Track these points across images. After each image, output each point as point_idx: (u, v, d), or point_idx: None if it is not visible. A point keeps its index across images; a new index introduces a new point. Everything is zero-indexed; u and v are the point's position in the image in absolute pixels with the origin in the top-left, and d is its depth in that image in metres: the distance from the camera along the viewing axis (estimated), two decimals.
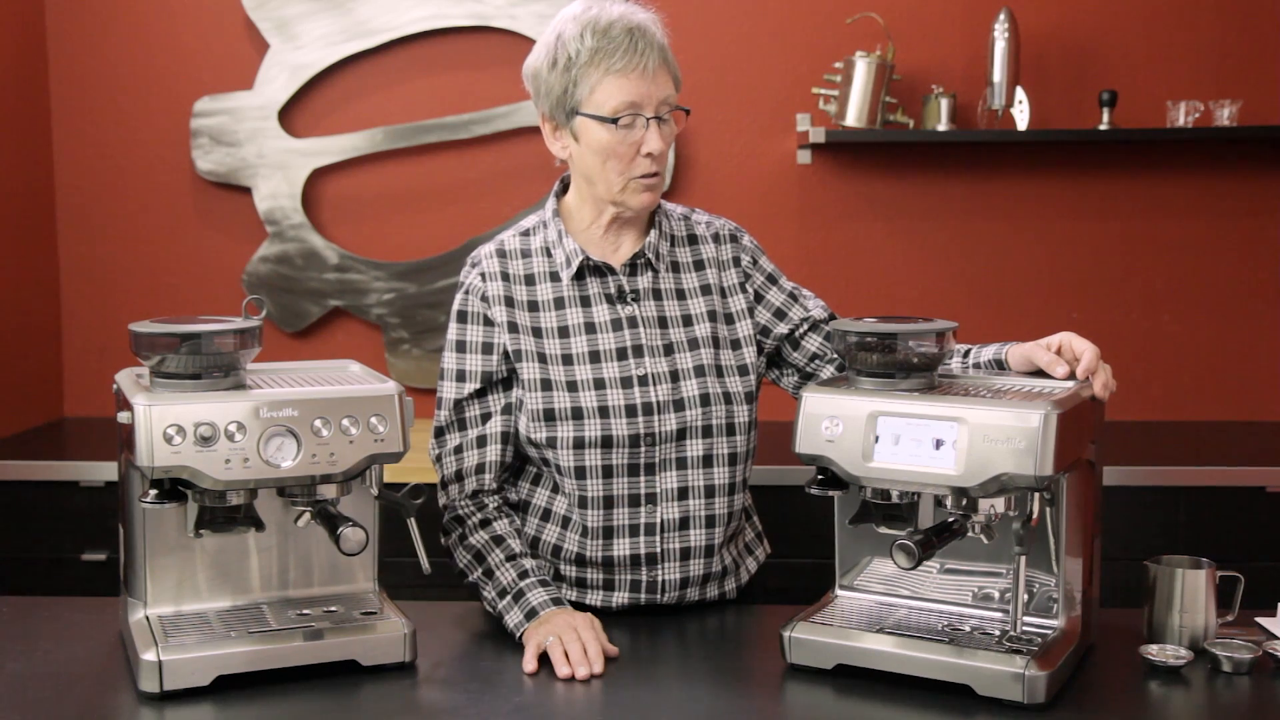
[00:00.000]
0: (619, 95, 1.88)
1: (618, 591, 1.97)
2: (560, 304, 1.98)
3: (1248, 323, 3.68)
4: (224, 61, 3.66)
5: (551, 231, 2.00)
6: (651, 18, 1.93)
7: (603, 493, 1.94)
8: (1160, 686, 1.67)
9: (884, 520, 1.73)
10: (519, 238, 2.03)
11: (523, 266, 2.00)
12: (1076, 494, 1.70)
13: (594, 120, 1.89)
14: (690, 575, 1.97)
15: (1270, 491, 3.05)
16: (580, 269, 1.98)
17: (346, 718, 1.59)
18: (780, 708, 1.63)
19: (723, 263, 2.06)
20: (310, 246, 3.66)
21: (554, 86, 1.93)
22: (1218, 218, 3.65)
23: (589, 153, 1.92)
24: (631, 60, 1.87)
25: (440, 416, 1.99)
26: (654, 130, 1.90)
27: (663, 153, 1.92)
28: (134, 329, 1.66)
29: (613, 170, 1.91)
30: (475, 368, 1.97)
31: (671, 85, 1.93)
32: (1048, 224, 3.67)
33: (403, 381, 3.17)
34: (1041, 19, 3.58)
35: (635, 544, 1.95)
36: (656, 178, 1.94)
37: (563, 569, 1.99)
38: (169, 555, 1.74)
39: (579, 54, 1.89)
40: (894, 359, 1.69)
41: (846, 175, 3.66)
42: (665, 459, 1.95)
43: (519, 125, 3.63)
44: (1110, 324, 3.68)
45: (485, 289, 1.98)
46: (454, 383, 1.98)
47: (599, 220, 1.99)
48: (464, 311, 1.99)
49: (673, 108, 1.93)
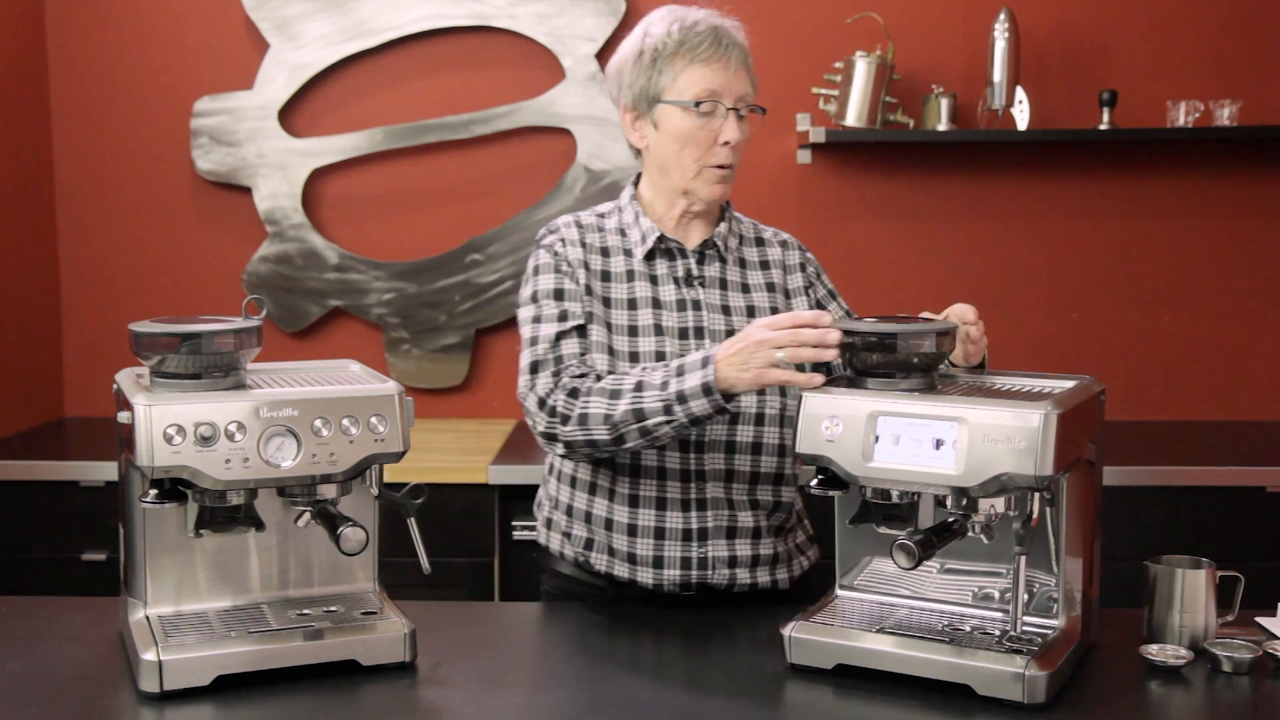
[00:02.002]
0: (701, 83, 1.96)
1: (668, 569, 1.99)
2: (630, 277, 2.04)
3: (1248, 323, 3.68)
4: (224, 61, 3.66)
5: (628, 214, 2.09)
6: (735, 24, 2.03)
7: (655, 463, 1.98)
8: (1160, 686, 1.67)
9: (884, 520, 1.73)
10: (595, 216, 2.11)
11: (599, 239, 2.07)
12: (1076, 494, 1.70)
13: (675, 106, 1.98)
14: (738, 555, 2.00)
15: (1270, 491, 3.05)
16: (651, 250, 2.04)
17: (346, 718, 1.59)
18: (780, 708, 1.63)
19: (788, 266, 2.14)
20: (310, 246, 3.66)
21: (638, 78, 2.01)
22: (1218, 218, 3.65)
23: (667, 139, 2.00)
24: (716, 52, 1.97)
25: (536, 351, 1.99)
26: (731, 120, 1.98)
27: (739, 145, 1.99)
28: (134, 329, 1.66)
29: (689, 157, 1.99)
30: (577, 309, 2.00)
31: (750, 86, 2.02)
32: (1048, 224, 3.67)
33: (403, 381, 3.17)
34: (1041, 19, 3.58)
35: (687, 518, 1.99)
36: (729, 170, 2.01)
37: (615, 543, 2.01)
38: (169, 555, 1.74)
39: (665, 46, 1.98)
40: (894, 359, 1.69)
41: (846, 175, 3.66)
42: (715, 439, 1.99)
43: (519, 125, 3.63)
44: (1110, 324, 3.68)
45: (567, 253, 2.04)
46: (555, 322, 1.99)
47: (670, 211, 2.07)
48: (558, 265, 2.03)
49: (750, 107, 2.01)
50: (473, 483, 3.05)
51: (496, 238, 3.64)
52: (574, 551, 2.06)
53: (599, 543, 2.03)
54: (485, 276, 3.66)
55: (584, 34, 3.59)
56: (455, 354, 3.70)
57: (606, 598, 2.05)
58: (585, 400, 1.88)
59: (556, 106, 3.61)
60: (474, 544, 3.06)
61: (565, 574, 2.10)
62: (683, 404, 1.80)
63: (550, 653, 1.88)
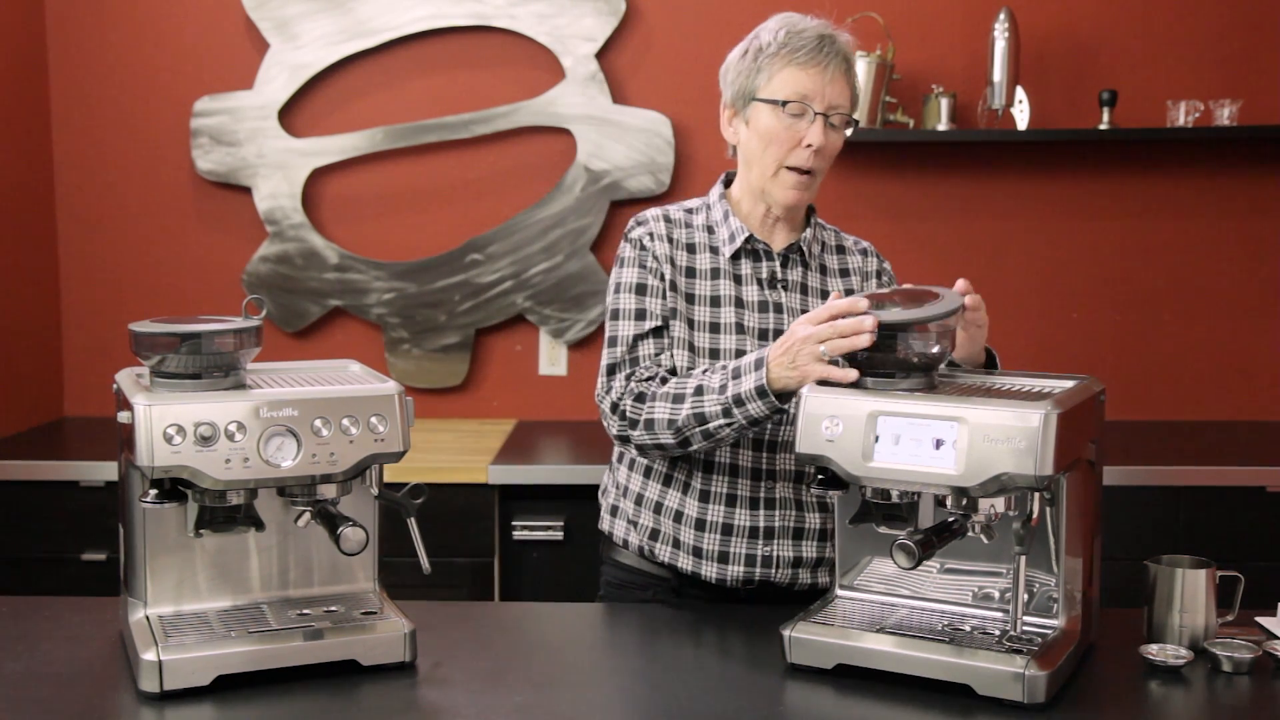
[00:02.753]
0: (793, 84, 1.98)
1: (733, 565, 2.00)
2: (716, 274, 2.06)
3: (1248, 323, 3.68)
4: (224, 61, 3.66)
5: (716, 212, 2.10)
6: (849, 39, 2.04)
7: (730, 460, 2.00)
8: (1160, 686, 1.67)
9: (884, 520, 1.73)
10: (683, 212, 2.12)
11: (686, 235, 2.09)
12: (1076, 494, 1.70)
13: (765, 104, 2.00)
14: (803, 555, 2.02)
15: (1270, 491, 3.05)
16: (738, 250, 2.06)
17: (346, 718, 1.59)
18: (780, 708, 1.63)
19: (866, 274, 2.17)
20: (310, 246, 3.66)
21: (740, 75, 2.04)
22: (1218, 218, 3.65)
23: (754, 136, 2.02)
24: (814, 57, 1.98)
25: (614, 354, 2.02)
26: (819, 125, 1.98)
27: (823, 150, 2.00)
28: (134, 329, 1.66)
29: (770, 155, 2.01)
30: (657, 309, 2.02)
31: (847, 97, 2.02)
32: (1048, 224, 3.67)
33: (403, 381, 3.17)
34: (1041, 19, 3.58)
35: (755, 516, 2.00)
36: (809, 177, 2.03)
37: (682, 535, 2.03)
38: (169, 555, 1.74)
39: (770, 46, 2.00)
40: (894, 359, 1.69)
41: (846, 175, 3.66)
42: (788, 440, 2.01)
43: (519, 125, 3.63)
44: (1110, 324, 3.69)
45: (655, 248, 2.05)
46: (634, 321, 2.02)
47: (755, 212, 2.09)
48: (643, 260, 2.05)
49: (844, 117, 2.01)
50: (473, 483, 3.05)
51: (496, 238, 3.64)
52: (638, 540, 2.08)
53: (665, 534, 2.05)
54: (485, 276, 3.66)
55: (584, 34, 3.59)
56: (455, 354, 3.70)
57: (667, 588, 2.07)
58: (651, 405, 1.94)
59: (556, 106, 3.61)
60: (474, 544, 3.07)
61: (627, 564, 2.12)
62: (740, 407, 1.85)
63: (550, 653, 1.88)
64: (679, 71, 3.63)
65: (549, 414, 3.73)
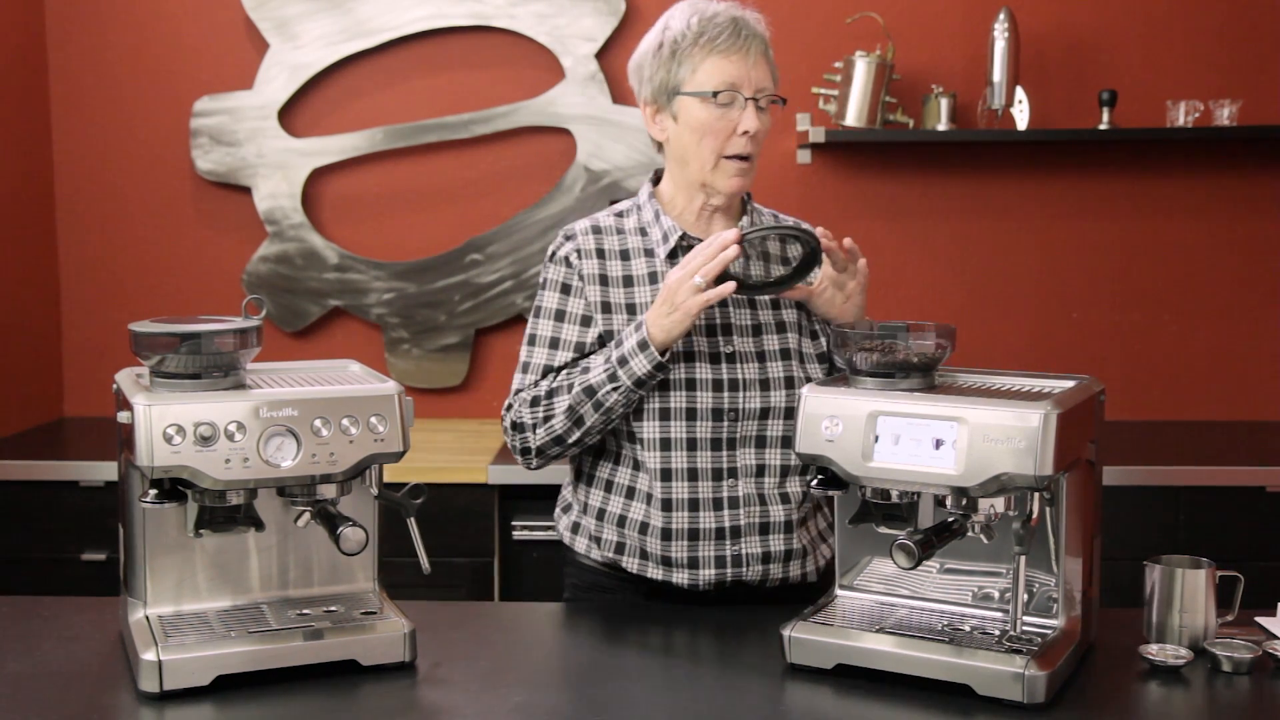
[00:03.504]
0: (719, 74, 1.97)
1: (704, 569, 1.99)
2: (654, 279, 2.04)
3: (1248, 323, 3.68)
4: (224, 61, 3.66)
5: (647, 212, 2.08)
6: (758, 16, 2.03)
7: (686, 465, 1.99)
8: (1160, 686, 1.67)
9: (884, 520, 1.73)
10: (613, 217, 2.10)
11: (618, 242, 2.07)
12: (1076, 494, 1.70)
13: (694, 98, 1.98)
14: (772, 550, 2.00)
15: (1270, 491, 3.05)
16: (674, 250, 2.04)
17: (346, 718, 1.59)
18: (780, 708, 1.63)
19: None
20: (310, 246, 3.66)
21: (658, 70, 2.02)
22: (1218, 218, 3.65)
23: (686, 131, 2.00)
24: (735, 43, 1.98)
25: (522, 380, 2.05)
26: (750, 111, 1.98)
27: (758, 134, 1.99)
28: (134, 329, 1.66)
29: (707, 148, 1.99)
30: (571, 338, 2.03)
31: (770, 78, 2.02)
32: (1048, 224, 3.67)
33: (403, 381, 3.17)
34: (1041, 19, 3.58)
35: (720, 516, 1.99)
36: (748, 163, 2.01)
37: (648, 546, 2.01)
38: (169, 555, 1.74)
39: (684, 38, 1.99)
40: (894, 359, 1.69)
41: (846, 175, 3.66)
42: (746, 435, 2.00)
43: (519, 125, 3.63)
44: (1110, 324, 3.69)
45: (581, 266, 2.04)
46: (546, 349, 2.04)
47: (691, 206, 2.07)
48: (567, 284, 2.05)
49: (770, 98, 2.01)
50: (473, 483, 3.05)
51: (496, 238, 3.64)
52: (602, 555, 2.07)
53: (631, 546, 2.03)
54: (485, 276, 3.66)
55: (584, 34, 3.59)
56: (455, 354, 3.70)
57: (636, 593, 2.05)
58: (549, 402, 1.99)
59: (556, 106, 3.61)
60: (474, 544, 3.07)
61: (591, 568, 2.10)
62: (624, 366, 1.90)
63: (550, 653, 1.88)
64: None
65: None
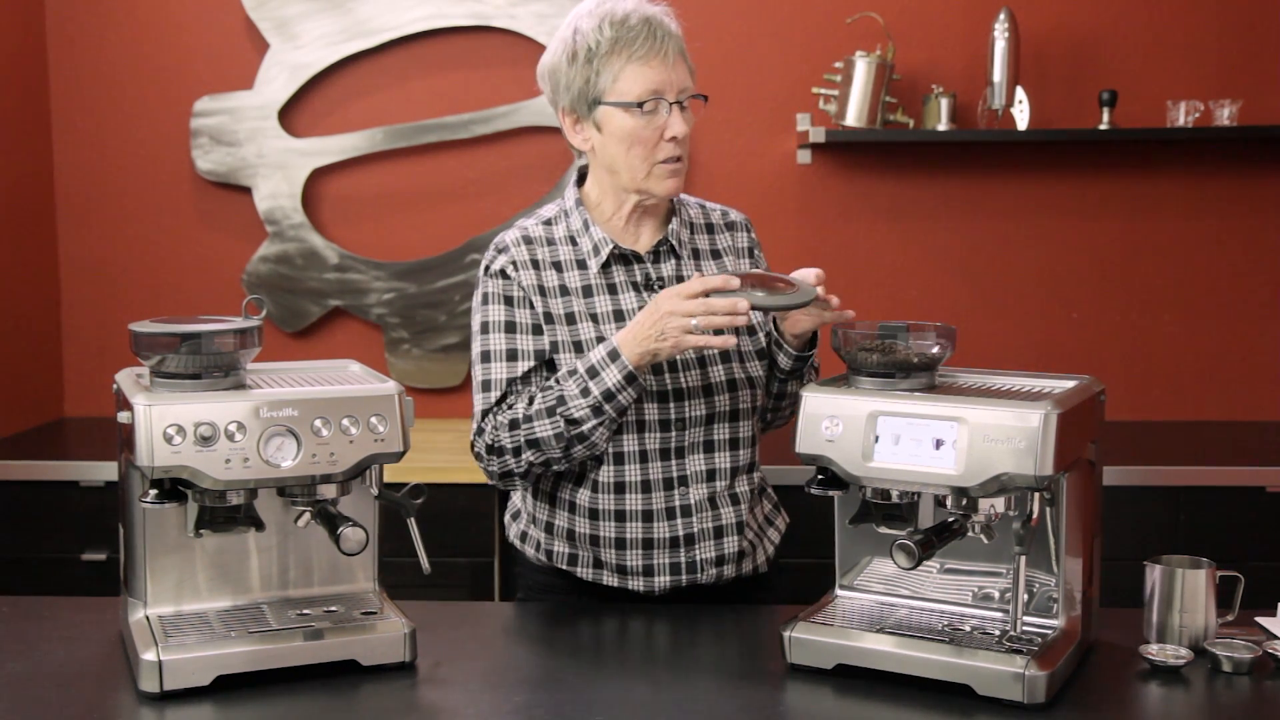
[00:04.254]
0: (642, 82, 1.92)
1: (659, 576, 1.99)
2: (589, 291, 2.00)
3: (1248, 323, 3.68)
4: (224, 61, 3.66)
5: (575, 220, 2.03)
6: (664, 10, 1.98)
7: (640, 477, 1.97)
8: (1160, 686, 1.67)
9: (884, 520, 1.73)
10: (542, 226, 2.04)
11: (550, 253, 2.01)
12: (1076, 494, 1.70)
13: (618, 108, 1.93)
14: (725, 553, 2.00)
15: (1270, 491, 3.05)
16: (608, 259, 2.00)
17: (346, 718, 1.59)
18: (780, 708, 1.63)
19: (739, 250, 2.12)
20: (310, 246, 3.66)
21: (574, 80, 1.95)
22: (1218, 218, 3.65)
23: (613, 141, 1.95)
24: (652, 48, 1.92)
25: (488, 399, 1.95)
26: (676, 115, 1.94)
27: (685, 138, 1.96)
28: (134, 329, 1.66)
29: (637, 157, 1.95)
30: (529, 347, 1.97)
31: (689, 75, 1.98)
32: (1048, 224, 3.67)
33: (403, 381, 3.17)
34: (1041, 19, 3.58)
35: (673, 525, 1.98)
36: (680, 163, 1.98)
37: (603, 556, 2.00)
38: (169, 555, 1.74)
39: (599, 45, 1.92)
40: (894, 359, 1.70)
41: (846, 175, 3.66)
42: (694, 442, 1.99)
43: (519, 125, 3.63)
44: (1110, 324, 3.68)
45: (520, 277, 1.98)
46: (505, 362, 1.96)
47: (620, 211, 2.02)
48: (509, 296, 1.98)
49: (691, 95, 1.98)
50: (473, 483, 3.05)
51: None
52: (552, 565, 2.05)
53: (584, 557, 2.02)
54: None
55: None
56: (455, 354, 3.70)
57: (592, 595, 2.04)
58: (529, 426, 1.90)
59: None
60: (474, 544, 3.07)
61: (544, 569, 2.08)
62: (611, 401, 1.86)
63: (550, 653, 1.88)
64: None
65: None
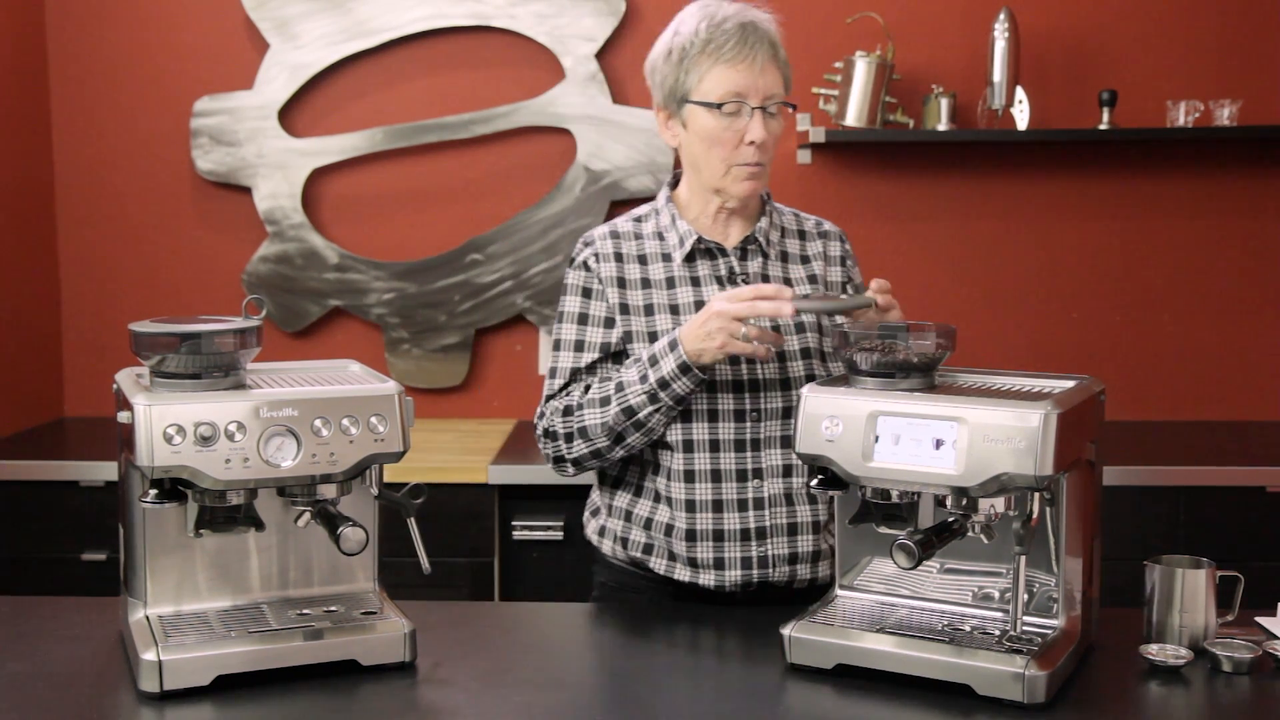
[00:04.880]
0: (725, 84, 1.96)
1: (729, 570, 1.99)
2: (672, 283, 2.04)
3: (1248, 323, 3.68)
4: (224, 61, 3.66)
5: (664, 217, 2.09)
6: (768, 18, 2.01)
7: (710, 466, 1.99)
8: (1160, 686, 1.67)
9: (884, 520, 1.73)
10: (632, 222, 2.11)
11: (636, 247, 2.08)
12: (1076, 494, 1.70)
13: (701, 107, 1.98)
14: (799, 551, 2.00)
15: (1270, 491, 3.05)
16: (692, 251, 2.04)
17: (346, 718, 1.59)
18: (780, 708, 1.63)
19: (829, 258, 2.15)
20: (310, 246, 3.66)
21: (668, 76, 2.01)
22: (1218, 218, 3.65)
23: (696, 140, 2.01)
24: (740, 51, 1.96)
25: (552, 385, 2.05)
26: (758, 120, 1.97)
27: (766, 143, 1.98)
28: (134, 329, 1.66)
29: (717, 157, 1.99)
30: (596, 339, 2.04)
31: (780, 83, 2.00)
32: (1048, 224, 3.67)
33: (403, 381, 3.17)
34: (1041, 19, 3.58)
35: (745, 518, 1.99)
36: (759, 167, 2.01)
37: (675, 548, 2.01)
38: (169, 555, 1.74)
39: (692, 45, 1.98)
40: (894, 359, 1.69)
41: (846, 175, 3.66)
42: (770, 436, 2.00)
43: (519, 125, 3.63)
44: (1110, 324, 3.69)
45: (600, 270, 2.05)
46: (572, 352, 2.04)
47: (707, 210, 2.07)
48: (587, 288, 2.06)
49: (779, 103, 2.00)
50: (473, 483, 3.05)
51: (496, 238, 3.64)
52: (629, 556, 2.07)
53: (658, 548, 2.03)
54: (485, 276, 3.66)
55: (584, 34, 3.59)
56: (455, 354, 3.70)
57: (664, 593, 2.06)
58: (580, 414, 1.98)
59: (556, 106, 3.61)
60: (474, 544, 3.07)
61: (620, 567, 2.10)
62: (665, 389, 1.90)
63: (550, 653, 1.88)
64: None
65: None
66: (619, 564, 2.10)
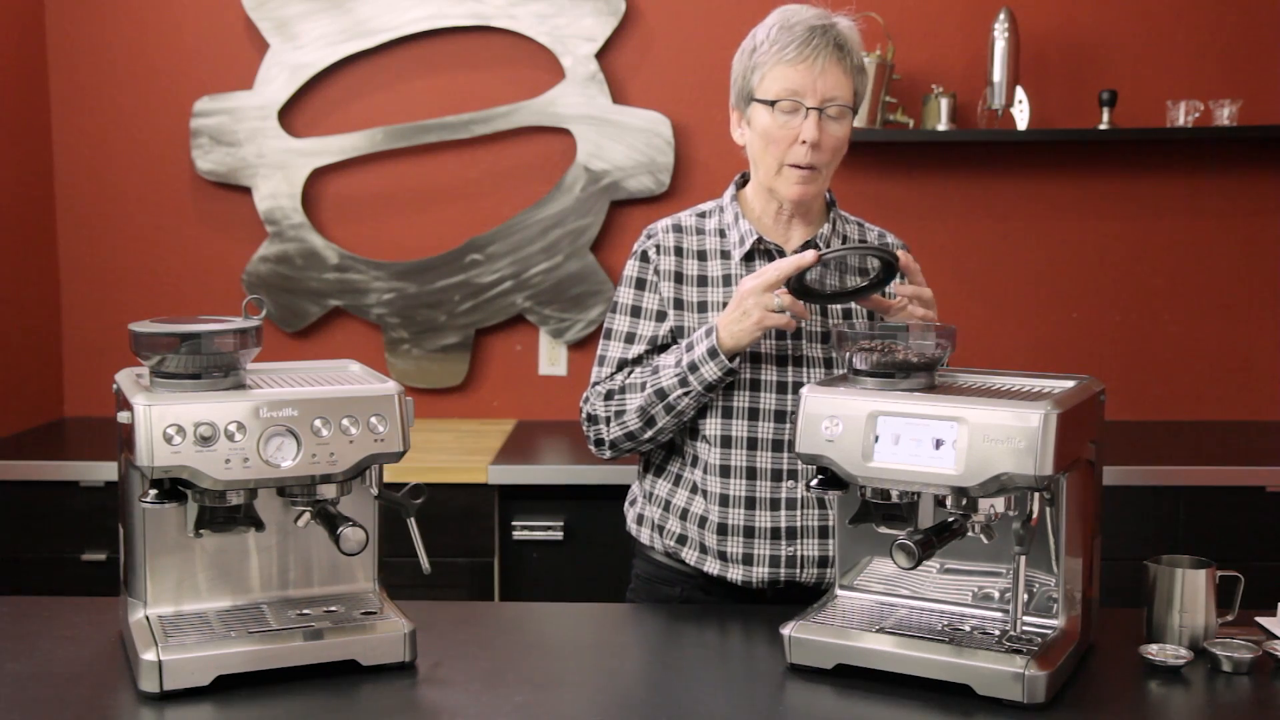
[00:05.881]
0: (783, 82, 1.98)
1: (757, 566, 2.01)
2: (728, 281, 2.06)
3: (1248, 323, 3.68)
4: (224, 61, 3.66)
5: (728, 214, 2.11)
6: (849, 24, 2.02)
7: (746, 463, 2.01)
8: (1160, 686, 1.67)
9: (884, 520, 1.73)
10: (695, 217, 2.14)
11: (697, 242, 2.10)
12: (1076, 494, 1.70)
13: (761, 105, 2.01)
14: (830, 554, 2.01)
15: (1270, 491, 3.05)
16: (751, 251, 2.06)
17: (346, 718, 1.59)
18: (780, 708, 1.63)
19: None
20: (310, 246, 3.66)
21: (739, 76, 2.06)
22: (1218, 218, 3.65)
23: (754, 137, 2.04)
24: (803, 52, 1.97)
25: (599, 373, 2.11)
26: (812, 120, 1.97)
27: (821, 144, 1.98)
28: (134, 329, 1.66)
29: (771, 155, 2.01)
30: (646, 332, 2.08)
31: (843, 87, 1.99)
32: (1048, 224, 3.67)
33: (403, 381, 3.17)
34: (1041, 19, 3.58)
35: (776, 516, 2.01)
36: (811, 171, 2.01)
37: (706, 540, 2.03)
38: (169, 555, 1.74)
39: (762, 45, 2.01)
40: (894, 359, 1.70)
41: (846, 175, 3.65)
42: None
43: (519, 125, 3.63)
44: (1110, 324, 3.69)
45: (658, 262, 2.09)
46: (622, 343, 2.09)
47: (767, 210, 2.10)
48: (643, 280, 2.10)
49: (840, 107, 1.99)
50: (473, 483, 3.05)
51: (496, 238, 3.64)
52: (665, 546, 2.10)
53: (691, 539, 2.06)
54: (485, 276, 3.66)
55: (584, 34, 3.59)
56: (455, 354, 3.70)
57: (695, 586, 2.08)
58: (621, 398, 2.05)
59: (556, 106, 3.62)
60: (474, 544, 3.07)
61: (657, 560, 2.13)
62: (694, 372, 1.94)
63: (550, 653, 1.88)
64: (679, 71, 3.63)
65: (549, 414, 3.73)
66: (655, 558, 2.13)
